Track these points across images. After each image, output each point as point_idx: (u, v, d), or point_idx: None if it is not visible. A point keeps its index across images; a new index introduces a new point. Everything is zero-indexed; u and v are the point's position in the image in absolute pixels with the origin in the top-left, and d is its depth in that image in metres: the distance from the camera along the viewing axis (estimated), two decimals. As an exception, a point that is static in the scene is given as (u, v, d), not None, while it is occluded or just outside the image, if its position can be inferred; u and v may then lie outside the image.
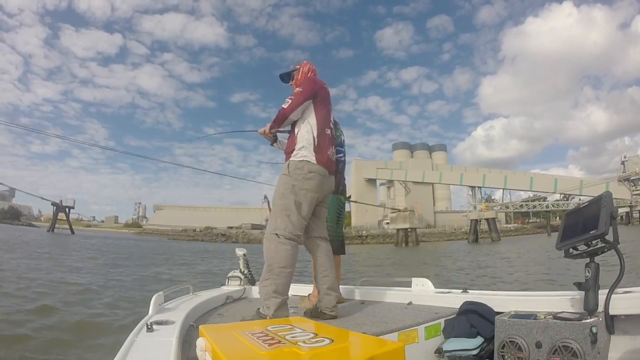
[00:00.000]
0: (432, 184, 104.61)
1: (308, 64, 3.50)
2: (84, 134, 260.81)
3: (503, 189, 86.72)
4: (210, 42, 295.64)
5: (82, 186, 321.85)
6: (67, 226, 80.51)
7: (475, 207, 76.04)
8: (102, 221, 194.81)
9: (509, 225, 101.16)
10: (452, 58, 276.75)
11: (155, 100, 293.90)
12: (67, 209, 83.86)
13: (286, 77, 3.58)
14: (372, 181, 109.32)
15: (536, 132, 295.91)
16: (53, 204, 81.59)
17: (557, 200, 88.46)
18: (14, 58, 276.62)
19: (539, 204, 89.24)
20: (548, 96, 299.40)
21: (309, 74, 3.43)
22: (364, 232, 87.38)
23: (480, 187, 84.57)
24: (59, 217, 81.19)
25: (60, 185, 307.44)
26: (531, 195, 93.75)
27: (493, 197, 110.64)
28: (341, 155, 3.96)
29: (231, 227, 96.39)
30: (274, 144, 3.55)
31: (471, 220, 68.32)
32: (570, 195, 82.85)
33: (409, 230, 62.42)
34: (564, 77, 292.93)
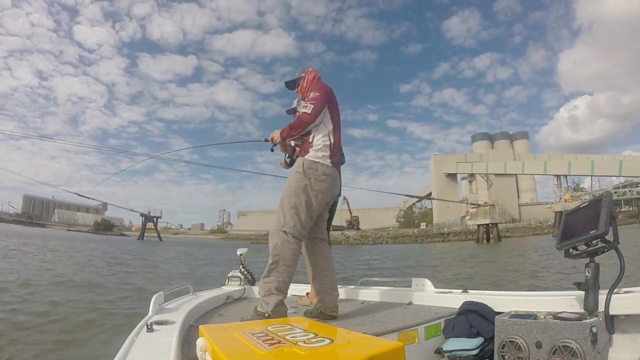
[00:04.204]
0: (515, 175, 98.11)
1: (313, 71, 3.50)
2: (168, 149, 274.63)
3: (590, 175, 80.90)
4: (280, 52, 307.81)
5: (169, 197, 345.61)
6: (156, 234, 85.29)
7: (561, 198, 72.02)
8: (189, 228, 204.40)
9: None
10: (524, 39, 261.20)
11: (234, 112, 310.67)
12: (154, 219, 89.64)
13: (292, 84, 3.58)
14: (452, 176, 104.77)
15: (624, 108, 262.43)
16: (142, 214, 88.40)
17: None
18: (98, 88, 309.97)
19: (629, 191, 79.83)
20: (633, 65, 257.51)
21: (315, 80, 3.42)
22: (445, 229, 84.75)
23: (565, 176, 79.99)
24: (148, 227, 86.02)
25: (149, 197, 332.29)
26: (622, 181, 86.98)
27: (581, 186, 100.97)
28: None
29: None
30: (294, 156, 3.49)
31: (555, 212, 62.81)
32: (665, 178, 76.36)
33: (490, 225, 59.48)
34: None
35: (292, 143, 3.44)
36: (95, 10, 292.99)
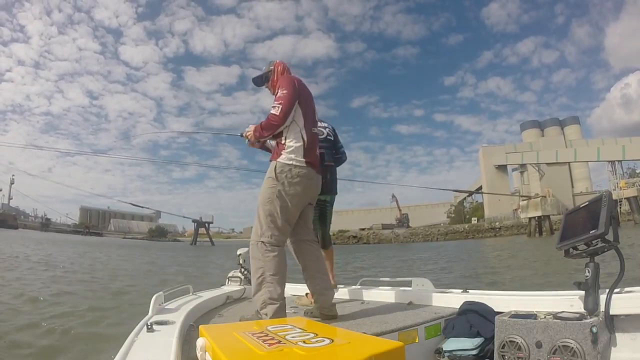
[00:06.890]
0: (568, 163, 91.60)
1: (282, 64, 3.35)
2: (218, 157, 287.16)
3: (647, 160, 76.39)
4: (322, 55, 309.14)
5: (221, 202, 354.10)
6: (208, 239, 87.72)
7: (616, 186, 68.50)
8: (241, 232, 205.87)
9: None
10: (567, 19, 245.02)
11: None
12: (206, 224, 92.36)
13: (259, 80, 3.42)
14: (502, 168, 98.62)
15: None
16: (194, 220, 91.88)
17: None
18: (147, 103, 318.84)
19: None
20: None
21: (285, 73, 3.29)
22: (497, 223, 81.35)
23: (620, 161, 76.21)
24: (200, 232, 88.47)
25: (201, 204, 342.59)
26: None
27: (638, 171, 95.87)
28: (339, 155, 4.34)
29: (363, 229, 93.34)
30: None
31: (610, 201, 59.82)
32: None
33: (542, 218, 57.03)
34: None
35: (273, 143, 3.23)
36: (138, 30, 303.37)
